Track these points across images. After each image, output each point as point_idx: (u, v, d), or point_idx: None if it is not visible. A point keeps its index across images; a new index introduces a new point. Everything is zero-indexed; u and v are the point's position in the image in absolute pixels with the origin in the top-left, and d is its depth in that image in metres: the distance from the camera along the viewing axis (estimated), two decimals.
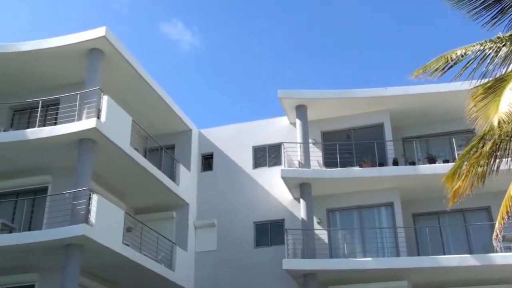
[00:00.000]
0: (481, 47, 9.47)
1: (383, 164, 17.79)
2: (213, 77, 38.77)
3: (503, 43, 9.37)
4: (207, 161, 20.37)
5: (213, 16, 37.64)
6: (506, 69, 9.40)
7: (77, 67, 16.07)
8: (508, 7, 9.29)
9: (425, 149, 18.82)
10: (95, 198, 13.78)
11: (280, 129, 19.70)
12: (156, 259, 16.20)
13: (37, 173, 15.66)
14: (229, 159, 19.90)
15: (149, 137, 18.14)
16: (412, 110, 18.53)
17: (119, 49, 15.80)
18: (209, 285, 17.98)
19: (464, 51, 9.59)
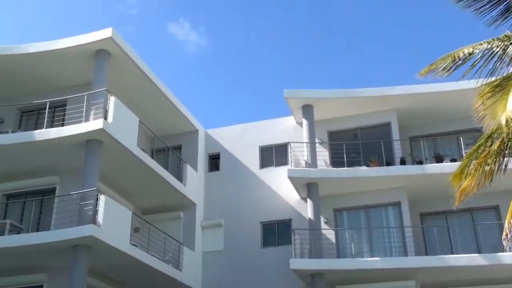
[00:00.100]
0: (489, 46, 9.43)
1: (390, 163, 17.74)
2: (219, 77, 38.85)
3: (511, 41, 9.33)
4: (214, 161, 20.40)
5: (219, 16, 37.72)
6: None
7: (84, 68, 16.13)
8: None
9: (433, 148, 18.74)
10: (102, 198, 13.83)
11: (286, 129, 19.69)
12: (163, 259, 16.24)
13: (45, 174, 15.74)
14: (236, 159, 19.91)
15: (156, 138, 18.18)
16: (419, 109, 18.46)
17: (125, 50, 15.85)
18: (217, 285, 18.00)
19: (471, 49, 9.56)
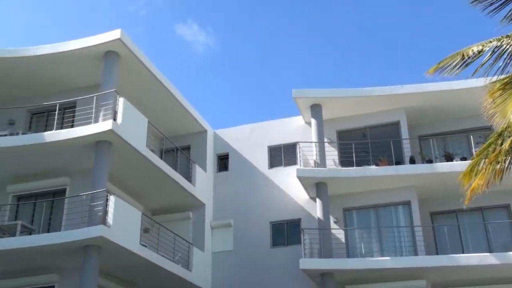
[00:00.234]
0: (498, 43, 9.35)
1: (399, 162, 17.66)
2: (228, 77, 38.89)
3: None
4: (223, 162, 20.41)
5: (227, 16, 37.76)
6: None
7: (93, 69, 16.20)
8: None
9: (442, 147, 18.64)
10: (112, 199, 13.88)
11: (295, 129, 19.66)
12: (173, 260, 16.28)
13: (55, 175, 15.83)
14: (245, 159, 19.92)
15: (165, 138, 18.24)
16: (428, 107, 18.36)
17: (134, 51, 15.90)
18: (227, 285, 18.01)
19: (481, 47, 9.48)
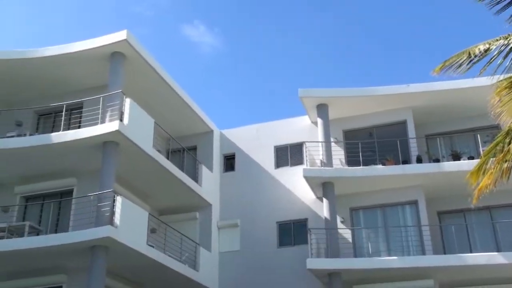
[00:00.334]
0: (506, 41, 9.30)
1: (406, 161, 17.60)
2: (234, 77, 38.91)
3: None
4: (229, 162, 20.43)
5: (234, 17, 37.79)
6: None
7: (99, 70, 16.26)
8: None
9: (449, 146, 18.56)
10: (119, 200, 13.92)
11: (301, 129, 19.64)
12: (180, 260, 16.31)
13: (62, 176, 15.90)
14: (251, 159, 19.92)
15: (171, 139, 18.27)
16: (435, 106, 18.28)
17: (140, 52, 15.94)
18: (233, 285, 18.02)
19: (487, 45, 9.43)
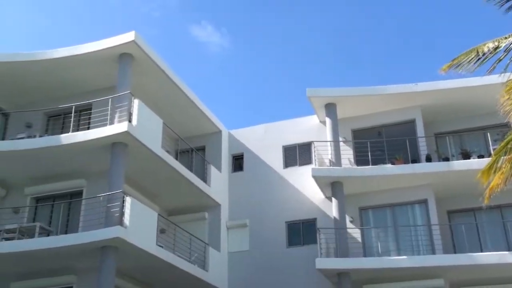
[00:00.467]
0: None
1: (416, 160, 17.51)
2: (242, 77, 38.93)
3: None
4: (238, 162, 20.44)
5: (241, 17, 37.80)
6: None
7: (108, 72, 16.33)
8: None
9: (459, 144, 18.43)
10: (128, 200, 13.97)
11: (310, 128, 19.61)
12: (189, 260, 16.34)
13: (72, 177, 15.98)
14: (260, 159, 19.92)
15: (180, 139, 18.31)
16: (444, 105, 18.18)
17: (148, 53, 15.99)
18: (243, 285, 18.02)
19: (496, 43, 9.37)
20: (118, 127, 14.57)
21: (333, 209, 17.19)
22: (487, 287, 16.14)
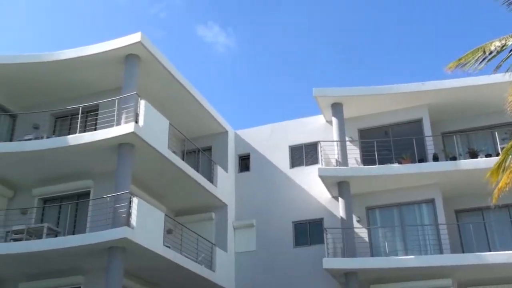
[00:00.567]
0: None
1: (423, 160, 17.45)
2: (248, 77, 38.95)
3: None
4: (244, 162, 20.44)
5: (247, 17, 37.81)
6: None
7: (114, 73, 16.38)
8: None
9: (466, 143, 18.34)
10: (135, 201, 14.00)
11: (316, 128, 19.59)
12: (196, 260, 16.36)
13: (79, 178, 16.04)
14: (266, 159, 19.91)
15: (186, 140, 18.34)
16: (451, 104, 18.10)
17: (154, 53, 16.02)
18: (250, 285, 18.03)
19: (504, 41, 9.32)
20: (124, 128, 14.62)
21: (340, 209, 17.16)
22: (495, 286, 16.06)
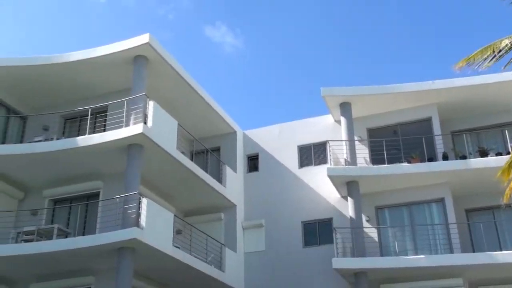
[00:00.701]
0: None
1: (432, 159, 17.35)
2: (256, 77, 38.94)
3: None
4: (253, 162, 20.44)
5: (254, 17, 37.81)
6: None
7: (123, 74, 16.44)
8: None
9: (476, 142, 18.23)
10: (144, 201, 14.04)
11: (324, 128, 19.54)
12: (206, 261, 16.37)
13: (88, 179, 16.11)
14: (275, 159, 19.90)
15: (195, 140, 18.37)
16: (460, 102, 17.99)
17: (162, 54, 16.06)
18: (259, 285, 18.02)
19: None
20: (133, 129, 14.66)
21: (349, 209, 17.12)
22: (507, 286, 15.94)
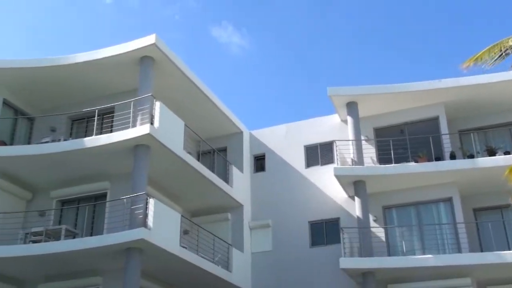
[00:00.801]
0: None
1: (439, 158, 17.28)
2: (262, 77, 38.93)
3: None
4: (259, 162, 20.43)
5: (261, 17, 37.81)
6: None
7: (129, 75, 16.48)
8: None
9: (484, 141, 18.13)
10: (152, 202, 14.07)
11: (331, 127, 19.50)
12: (213, 261, 16.39)
13: (96, 179, 16.17)
14: (281, 159, 19.88)
15: (201, 141, 18.39)
16: (468, 101, 17.90)
17: (169, 55, 16.09)
18: (266, 285, 18.01)
19: None
20: (140, 130, 14.70)
21: (356, 208, 17.08)
22: None
